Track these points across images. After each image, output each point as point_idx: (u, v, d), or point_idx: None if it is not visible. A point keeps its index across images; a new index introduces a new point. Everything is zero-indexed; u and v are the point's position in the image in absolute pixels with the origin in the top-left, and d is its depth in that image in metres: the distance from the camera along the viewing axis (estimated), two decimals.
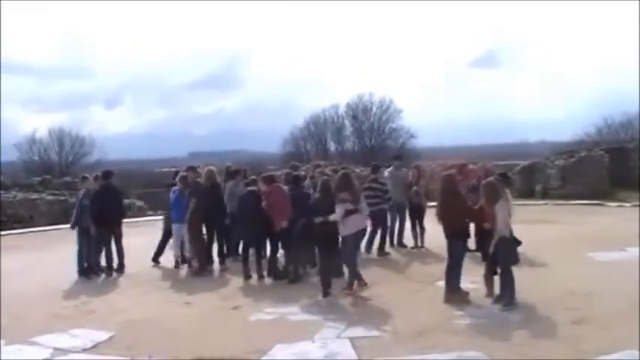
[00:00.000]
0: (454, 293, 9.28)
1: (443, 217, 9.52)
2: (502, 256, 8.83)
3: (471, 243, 10.10)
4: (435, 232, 10.58)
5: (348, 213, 9.93)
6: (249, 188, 11.79)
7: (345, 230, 10.01)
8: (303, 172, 14.46)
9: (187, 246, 12.60)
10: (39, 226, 21.57)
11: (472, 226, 9.84)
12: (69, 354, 7.66)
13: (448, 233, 9.44)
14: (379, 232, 13.45)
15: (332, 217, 9.95)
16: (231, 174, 13.48)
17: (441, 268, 9.64)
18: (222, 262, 12.69)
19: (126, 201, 20.10)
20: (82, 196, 12.65)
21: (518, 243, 9.28)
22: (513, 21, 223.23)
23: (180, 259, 12.92)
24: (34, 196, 24.09)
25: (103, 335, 8.33)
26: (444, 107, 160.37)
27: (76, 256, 12.36)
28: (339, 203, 9.95)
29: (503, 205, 8.92)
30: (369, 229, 11.87)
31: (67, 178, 28.74)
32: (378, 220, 13.23)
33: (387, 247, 13.71)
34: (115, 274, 12.48)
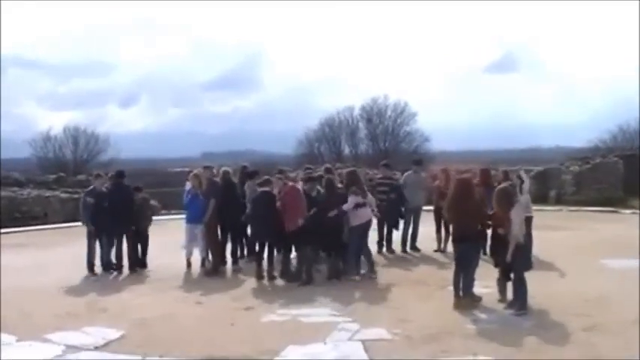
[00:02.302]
0: (464, 298, 9.23)
1: (453, 220, 9.50)
2: (516, 261, 8.79)
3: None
4: None
5: (357, 205, 10.93)
6: (262, 189, 11.80)
7: (356, 221, 10.93)
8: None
9: (201, 246, 12.63)
10: (53, 223, 21.77)
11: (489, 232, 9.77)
12: (81, 351, 7.67)
13: (457, 237, 9.41)
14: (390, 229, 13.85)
15: (345, 207, 10.84)
16: (249, 174, 13.46)
17: None
18: (235, 263, 12.72)
19: None
20: (85, 194, 12.80)
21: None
22: (529, 26, 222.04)
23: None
24: (48, 193, 24.28)
25: (114, 333, 8.34)
26: (458, 111, 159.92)
27: (86, 253, 12.45)
28: (351, 195, 10.94)
29: (519, 211, 8.87)
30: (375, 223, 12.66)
31: (81, 176, 28.85)
32: (385, 216, 13.39)
33: (399, 251, 13.87)
34: (127, 272, 12.53)
